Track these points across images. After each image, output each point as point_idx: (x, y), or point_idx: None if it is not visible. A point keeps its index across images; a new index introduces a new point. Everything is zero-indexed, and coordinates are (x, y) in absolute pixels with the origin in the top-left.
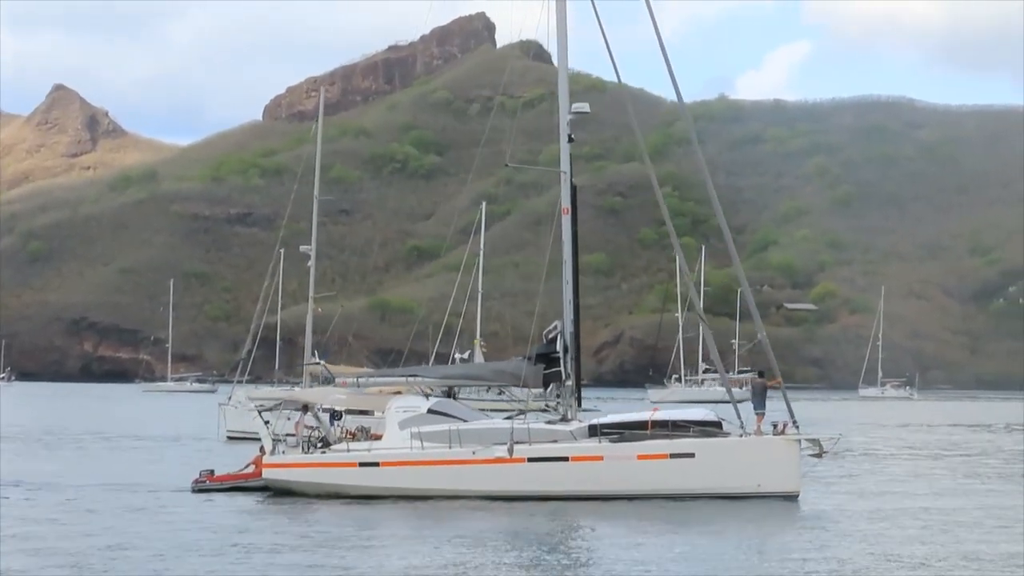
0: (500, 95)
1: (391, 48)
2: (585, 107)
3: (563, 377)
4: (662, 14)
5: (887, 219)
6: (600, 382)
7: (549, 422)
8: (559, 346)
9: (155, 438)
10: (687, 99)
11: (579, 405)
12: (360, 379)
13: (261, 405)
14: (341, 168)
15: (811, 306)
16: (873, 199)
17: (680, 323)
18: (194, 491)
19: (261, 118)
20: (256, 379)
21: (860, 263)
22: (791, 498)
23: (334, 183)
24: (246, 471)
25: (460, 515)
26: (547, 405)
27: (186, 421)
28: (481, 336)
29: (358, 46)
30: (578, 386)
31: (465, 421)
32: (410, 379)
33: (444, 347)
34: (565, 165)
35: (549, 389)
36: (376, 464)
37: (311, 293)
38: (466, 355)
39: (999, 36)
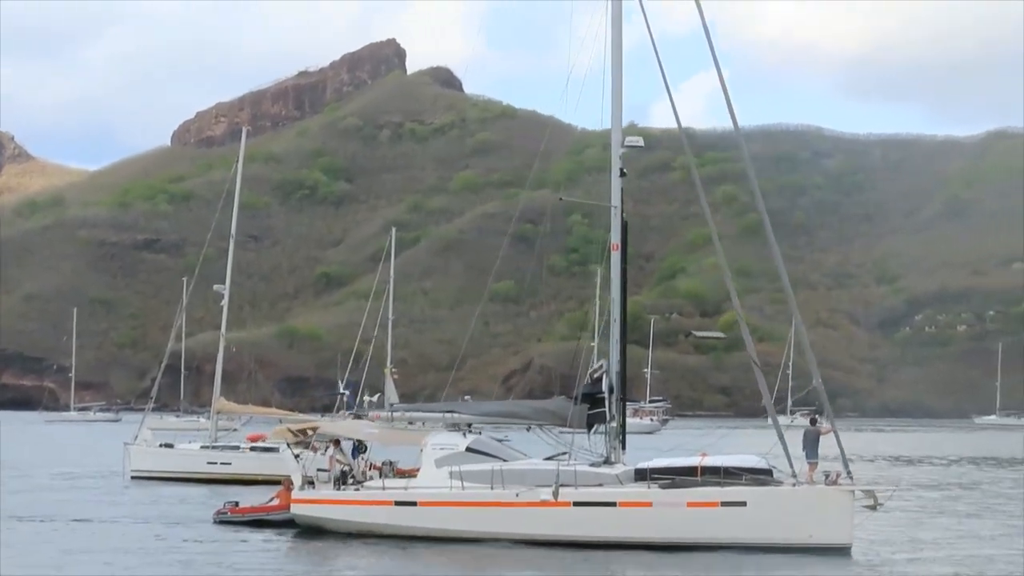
0: (410, 122)
1: (301, 74)
2: (639, 141)
3: (608, 418)
4: (580, 43)
5: (795, 248)
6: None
7: (592, 464)
8: (604, 386)
9: (55, 475)
10: (596, 128)
11: (624, 448)
12: (395, 413)
13: (293, 439)
14: (250, 194)
15: (719, 334)
16: (781, 228)
17: (594, 351)
18: (216, 523)
19: (169, 143)
20: (162, 407)
21: (768, 291)
22: (844, 550)
23: (243, 209)
24: (270, 504)
25: (502, 559)
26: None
27: (89, 457)
28: (391, 363)
29: (268, 72)
30: (623, 428)
31: (504, 460)
32: (447, 415)
33: (354, 375)
34: (616, 200)
35: (593, 430)
36: (414, 503)
37: (223, 331)
38: (375, 398)
39: (909, 66)
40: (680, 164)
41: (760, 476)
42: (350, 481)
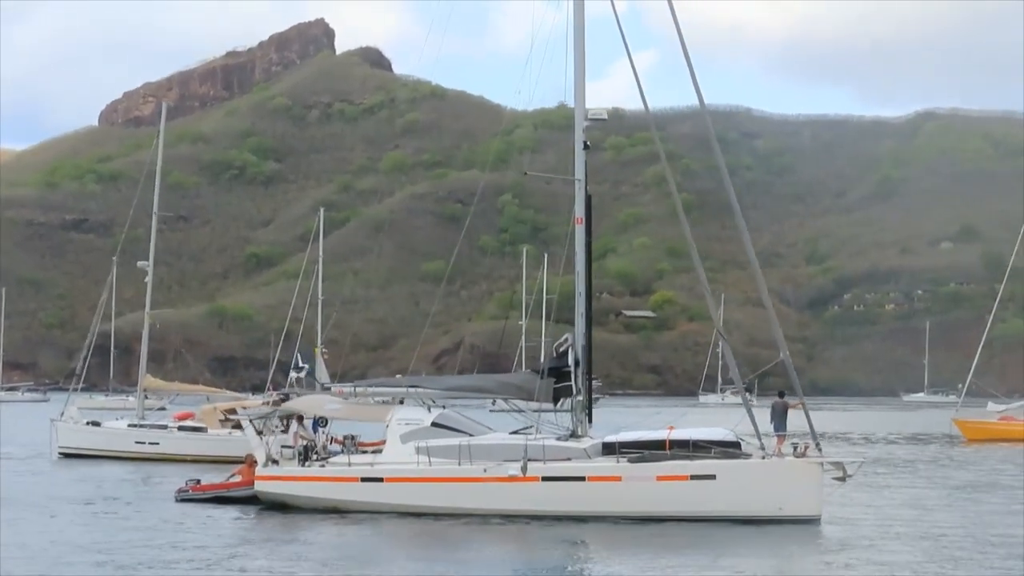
0: (339, 102)
1: (229, 54)
2: (603, 113)
3: (574, 391)
4: (510, 24)
5: (725, 228)
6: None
7: (559, 438)
8: (570, 359)
9: None
10: (527, 108)
11: (590, 421)
12: (358, 388)
13: (254, 414)
14: (179, 174)
15: (649, 313)
16: (711, 208)
17: (523, 330)
18: (178, 500)
19: (97, 123)
20: (91, 387)
21: (697, 271)
22: (813, 522)
23: (172, 189)
24: (232, 480)
25: (469, 534)
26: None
27: (14, 435)
28: (321, 343)
29: (196, 52)
30: (589, 401)
31: (470, 435)
32: (411, 389)
33: (284, 355)
34: (580, 173)
35: (559, 404)
36: (380, 479)
37: (147, 308)
38: (302, 372)
39: (837, 47)
40: (612, 144)
41: (729, 449)
42: (314, 457)
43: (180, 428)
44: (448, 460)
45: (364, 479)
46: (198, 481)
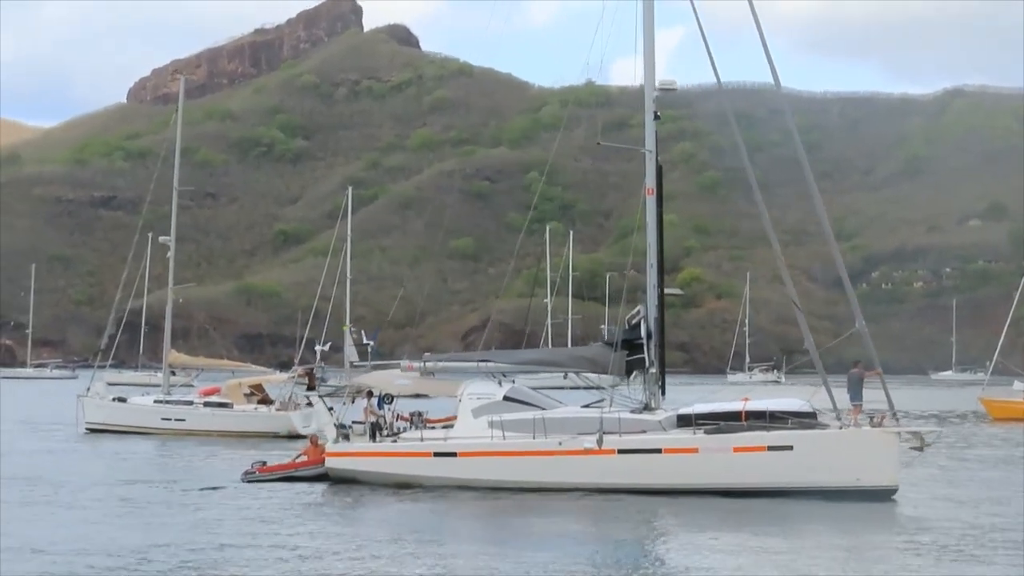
0: (367, 79)
1: (257, 31)
2: (673, 83)
3: (647, 364)
4: (538, 3)
5: (753, 204)
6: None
7: (632, 411)
8: (643, 332)
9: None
10: (554, 86)
11: (663, 394)
12: (427, 363)
13: (326, 391)
14: (207, 152)
15: (677, 291)
16: (738, 185)
17: (549, 307)
18: (244, 482)
19: (126, 100)
20: (120, 364)
21: (726, 248)
22: (889, 492)
23: (200, 167)
24: (299, 460)
25: (545, 509)
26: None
27: (42, 411)
28: (349, 320)
29: (224, 29)
30: (662, 374)
31: (542, 408)
32: (482, 364)
33: (313, 332)
34: (651, 144)
35: (632, 376)
36: (453, 454)
37: (171, 284)
38: (326, 347)
39: (866, 25)
40: (639, 122)
41: (805, 419)
42: (384, 433)
43: (206, 404)
44: (522, 434)
45: (437, 454)
46: (264, 463)
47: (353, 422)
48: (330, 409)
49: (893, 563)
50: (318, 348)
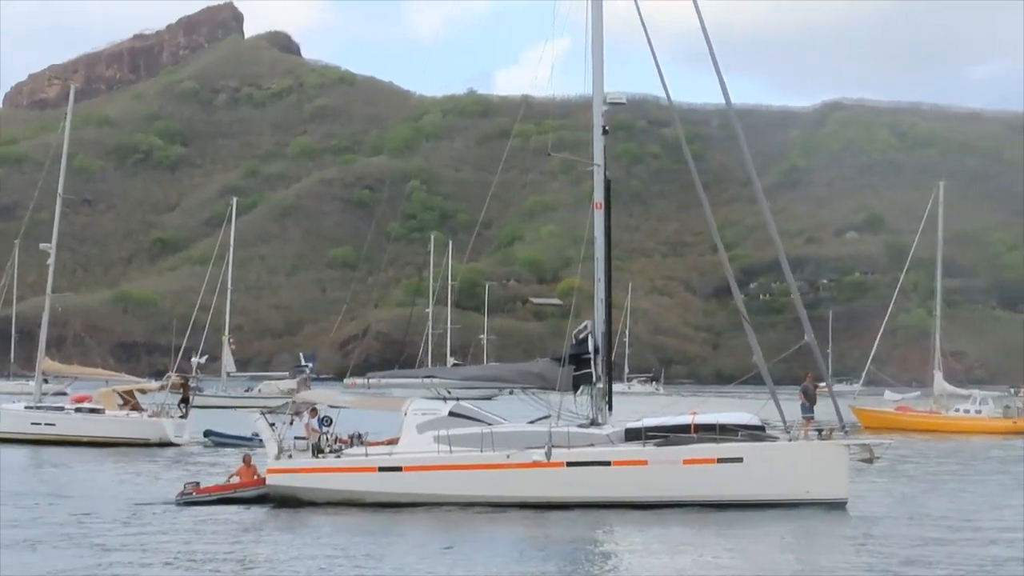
0: (247, 86)
1: (137, 37)
2: (622, 98)
3: (594, 379)
4: (421, 6)
5: (632, 216)
6: (346, 376)
7: (579, 426)
8: (590, 346)
9: None
10: (436, 94)
11: (610, 409)
12: (371, 380)
13: (266, 408)
14: (84, 158)
15: (556, 301)
16: (618, 196)
17: (430, 317)
18: (179, 504)
19: (1, 106)
20: None
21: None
22: (840, 505)
23: (77, 173)
24: (232, 482)
25: (493, 523)
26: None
27: None
28: (226, 330)
29: (103, 34)
30: (610, 388)
31: (488, 424)
32: (427, 380)
33: (191, 341)
34: (599, 158)
35: (579, 391)
36: (399, 469)
37: (48, 291)
38: (202, 359)
39: (746, 38)
40: (519, 132)
41: (755, 432)
42: (327, 449)
43: (77, 410)
44: (469, 448)
45: (382, 469)
46: (197, 483)
47: (295, 438)
48: (271, 425)
49: (841, 567)
50: (194, 359)
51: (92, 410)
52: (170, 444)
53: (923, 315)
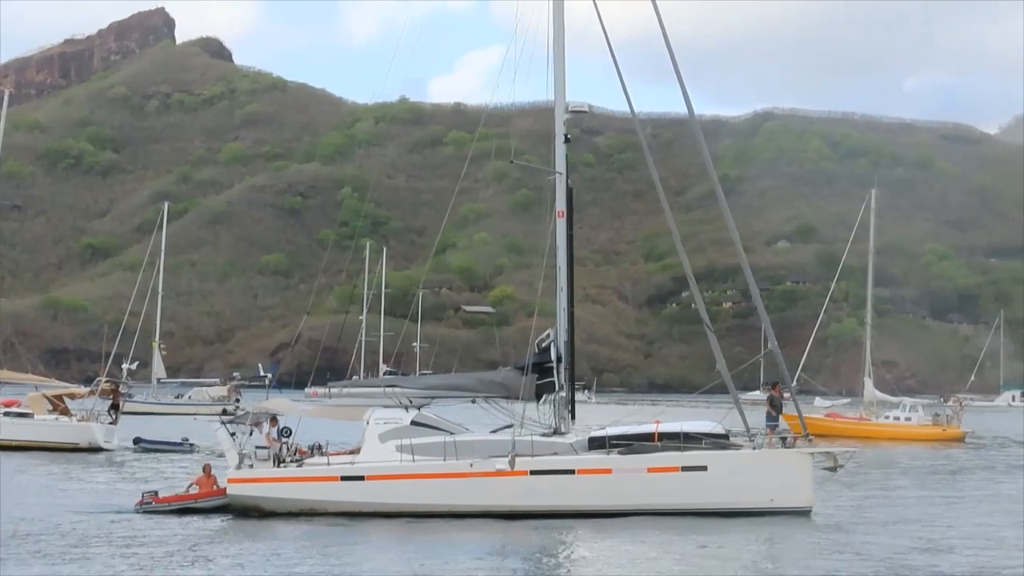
0: (179, 92)
1: (67, 41)
2: (584, 106)
3: (556, 388)
4: (356, 14)
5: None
6: (277, 383)
7: (543, 435)
8: (552, 355)
9: None
10: (368, 101)
11: (573, 417)
12: (332, 389)
13: (227, 418)
14: (14, 163)
15: (489, 309)
16: (549, 204)
17: (363, 324)
18: (138, 512)
19: None
20: None
21: (538, 267)
22: (804, 513)
23: (6, 178)
24: (190, 491)
25: (456, 532)
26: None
27: None
28: (157, 336)
29: (32, 39)
30: (572, 397)
31: (451, 433)
32: (388, 390)
33: (121, 347)
34: (561, 166)
35: (542, 400)
36: (361, 478)
37: None
38: (133, 365)
39: (678, 48)
40: (453, 139)
41: (719, 440)
42: (287, 460)
43: (6, 414)
44: (432, 457)
45: (344, 478)
46: (156, 493)
47: (256, 447)
48: (232, 435)
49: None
50: (125, 365)
51: (20, 414)
52: (99, 449)
53: (854, 324)
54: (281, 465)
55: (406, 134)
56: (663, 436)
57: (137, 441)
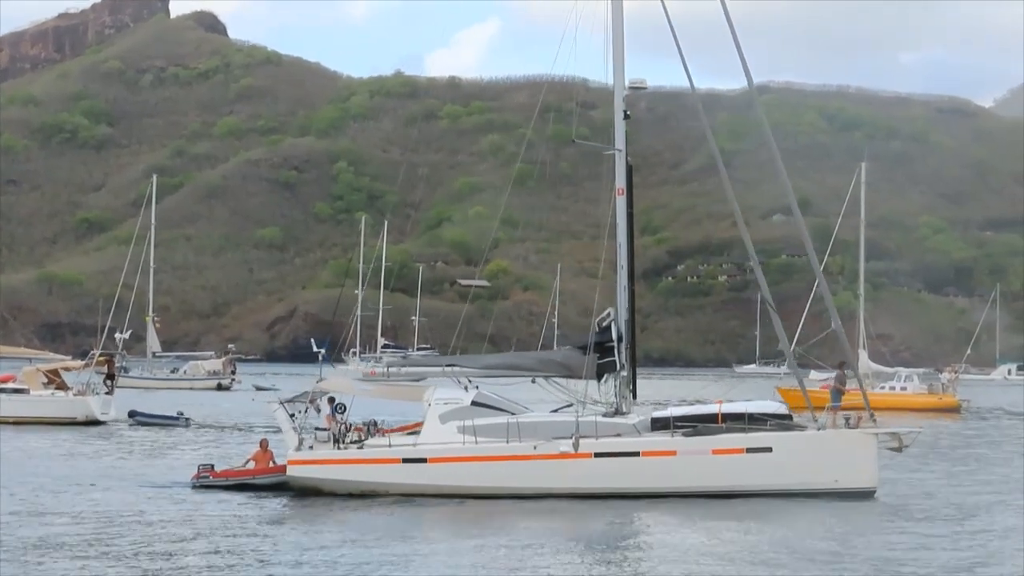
0: (173, 66)
1: (61, 15)
2: (644, 82)
3: (617, 367)
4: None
5: (560, 198)
6: (273, 357)
7: (605, 415)
8: (613, 334)
9: None
10: (363, 75)
11: (634, 398)
12: (391, 368)
13: (283, 398)
14: (9, 137)
15: (484, 282)
16: (547, 178)
17: (359, 299)
18: (195, 487)
19: None
20: None
21: (534, 241)
22: (868, 494)
23: (2, 152)
24: (247, 467)
25: (520, 515)
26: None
27: None
28: (152, 310)
29: (27, 13)
30: (633, 376)
31: (511, 414)
32: (447, 369)
33: (115, 321)
34: (621, 143)
35: (603, 380)
36: (423, 460)
37: None
38: (127, 334)
39: (675, 21)
40: (448, 113)
41: (783, 421)
42: (347, 440)
43: (1, 390)
44: (494, 439)
45: (406, 460)
46: (212, 466)
47: (316, 429)
48: (292, 416)
49: (877, 559)
50: (118, 335)
51: (16, 390)
52: (96, 422)
53: (849, 297)
54: (340, 446)
55: (401, 108)
56: (727, 417)
57: (132, 414)
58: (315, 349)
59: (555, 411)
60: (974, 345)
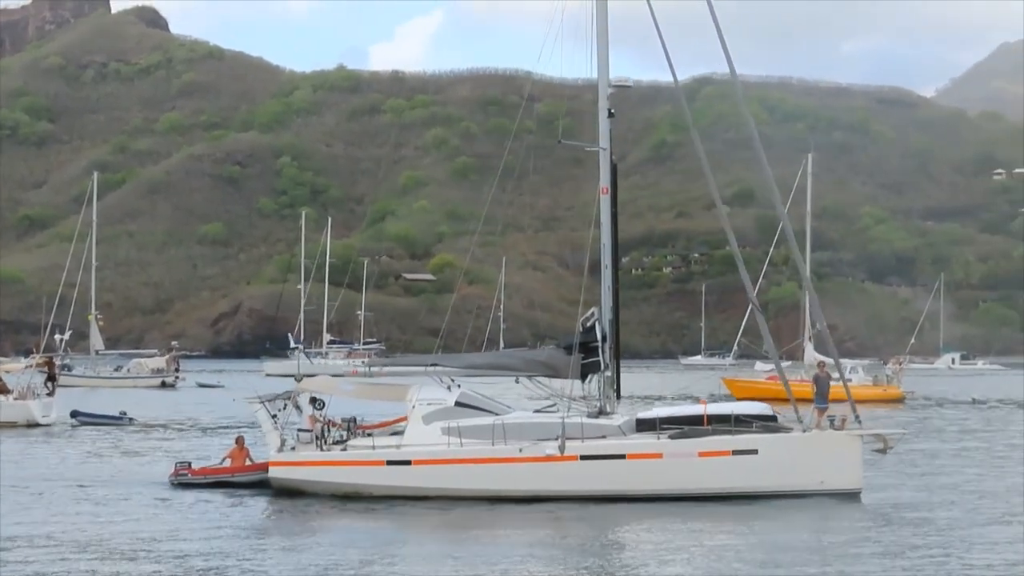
0: (115, 62)
1: (1, 11)
2: (628, 81)
3: (602, 367)
4: None
5: (505, 191)
6: (218, 353)
7: (588, 415)
8: (598, 334)
9: None
10: (306, 69)
11: (618, 397)
12: (372, 367)
13: (263, 397)
14: None
15: (429, 276)
16: (491, 171)
17: (303, 294)
18: (174, 485)
19: None
20: None
21: (479, 234)
22: (854, 496)
23: None
24: (223, 465)
25: (505, 518)
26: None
27: None
28: (95, 307)
29: None
30: (618, 377)
31: (495, 414)
32: (430, 368)
33: (58, 319)
34: (605, 142)
35: (587, 380)
36: (408, 462)
37: None
38: (67, 335)
39: (616, 13)
40: (391, 107)
41: (768, 423)
42: (330, 441)
43: None
44: (479, 440)
45: (390, 462)
46: (189, 464)
47: (299, 430)
48: (273, 416)
49: (862, 562)
50: (59, 336)
51: None
52: (38, 425)
53: (794, 288)
54: (324, 447)
55: (344, 102)
56: (712, 419)
57: (75, 415)
58: (292, 345)
59: (538, 411)
60: (918, 334)
